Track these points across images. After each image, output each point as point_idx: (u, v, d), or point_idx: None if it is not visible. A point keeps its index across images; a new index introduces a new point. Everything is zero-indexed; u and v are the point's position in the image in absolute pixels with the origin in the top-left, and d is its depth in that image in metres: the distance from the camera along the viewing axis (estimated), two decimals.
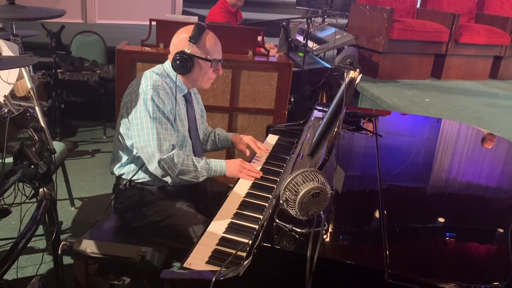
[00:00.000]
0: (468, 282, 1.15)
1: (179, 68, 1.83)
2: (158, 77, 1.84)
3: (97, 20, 6.38)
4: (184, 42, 1.83)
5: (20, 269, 2.32)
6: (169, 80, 1.87)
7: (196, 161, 1.85)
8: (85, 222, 2.78)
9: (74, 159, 3.70)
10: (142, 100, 1.76)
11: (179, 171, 1.79)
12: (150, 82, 1.80)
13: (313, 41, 4.41)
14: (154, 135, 1.75)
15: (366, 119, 2.34)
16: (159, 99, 1.77)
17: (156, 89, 1.78)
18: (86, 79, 4.10)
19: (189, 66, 1.82)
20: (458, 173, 1.92)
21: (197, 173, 1.84)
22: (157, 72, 1.87)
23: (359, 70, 1.71)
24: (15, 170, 1.49)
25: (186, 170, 1.81)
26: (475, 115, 4.05)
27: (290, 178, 1.26)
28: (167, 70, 1.90)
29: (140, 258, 1.50)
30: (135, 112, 1.77)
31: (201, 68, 1.87)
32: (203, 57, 1.85)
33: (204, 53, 1.85)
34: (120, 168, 1.90)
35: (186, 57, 1.81)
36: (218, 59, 1.90)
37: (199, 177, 1.85)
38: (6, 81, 1.71)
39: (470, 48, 5.30)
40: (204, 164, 1.86)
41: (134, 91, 1.81)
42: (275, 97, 3.32)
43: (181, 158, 1.80)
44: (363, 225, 1.42)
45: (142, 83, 1.81)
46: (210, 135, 2.23)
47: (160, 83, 1.81)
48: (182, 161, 1.80)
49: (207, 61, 1.86)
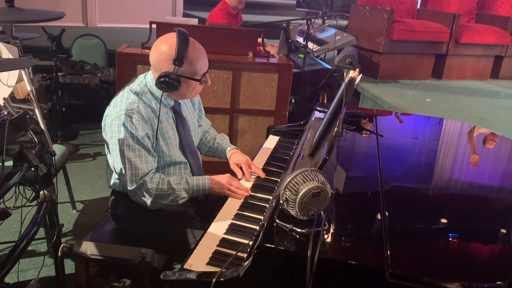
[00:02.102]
0: (471, 281, 1.14)
1: (165, 89, 1.71)
2: (134, 97, 1.72)
3: (98, 23, 6.40)
4: (167, 63, 1.68)
5: (21, 272, 2.31)
6: (150, 97, 1.76)
7: (174, 183, 1.75)
8: (87, 225, 2.78)
9: (76, 162, 3.70)
10: (116, 126, 1.68)
11: (154, 196, 1.72)
12: (125, 106, 1.69)
13: (313, 42, 4.41)
14: (126, 164, 1.68)
15: (367, 119, 2.34)
16: (132, 125, 1.67)
17: (130, 113, 1.67)
18: (87, 82, 4.11)
19: (175, 86, 1.70)
20: (460, 173, 1.91)
21: (175, 196, 1.75)
22: (136, 90, 1.75)
23: (359, 70, 1.70)
24: (14, 172, 1.49)
25: (162, 195, 1.72)
26: (476, 115, 4.04)
27: (290, 178, 1.26)
28: (149, 85, 1.78)
29: (140, 259, 1.49)
30: (111, 138, 1.71)
31: (188, 85, 1.76)
32: (191, 77, 1.73)
33: (191, 73, 1.73)
34: (115, 183, 1.88)
35: (172, 80, 1.67)
36: (205, 72, 1.78)
37: (178, 200, 1.76)
38: (6, 84, 1.71)
39: (471, 48, 5.29)
40: (184, 185, 1.76)
41: (110, 114, 1.73)
42: (276, 98, 3.32)
43: (155, 183, 1.71)
44: (364, 225, 1.41)
45: (117, 105, 1.72)
46: (210, 141, 2.14)
47: (135, 106, 1.70)
48: (156, 186, 1.71)
49: (196, 80, 1.75)
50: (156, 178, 1.74)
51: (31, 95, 1.80)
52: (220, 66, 3.17)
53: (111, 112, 1.73)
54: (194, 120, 2.02)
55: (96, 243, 1.59)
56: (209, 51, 1.84)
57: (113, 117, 1.70)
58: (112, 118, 1.71)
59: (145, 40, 3.24)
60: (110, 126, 1.71)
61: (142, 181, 1.70)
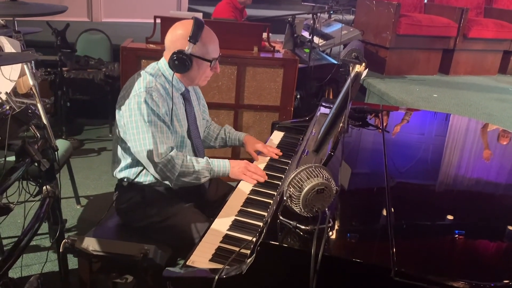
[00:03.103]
0: (478, 280, 1.12)
1: (177, 68, 1.76)
2: (151, 78, 1.77)
3: (103, 18, 6.39)
4: (182, 41, 1.74)
5: (25, 267, 2.31)
6: (164, 80, 1.81)
7: (196, 161, 1.79)
8: (91, 220, 2.78)
9: (80, 157, 3.71)
10: (136, 103, 1.70)
11: (179, 173, 1.75)
12: (143, 84, 1.73)
13: (319, 37, 4.38)
14: (150, 139, 1.70)
15: (373, 114, 2.31)
16: (153, 101, 1.71)
17: (149, 91, 1.72)
18: (92, 77, 4.09)
19: (187, 65, 1.75)
20: (467, 170, 1.88)
21: (198, 174, 1.79)
22: (151, 73, 1.80)
23: (365, 64, 1.68)
24: (17, 167, 1.48)
25: (186, 172, 1.76)
26: (484, 111, 3.99)
27: (294, 174, 1.24)
28: (162, 69, 1.82)
29: (142, 255, 1.48)
30: (130, 116, 1.72)
31: (199, 68, 1.81)
32: (202, 57, 1.78)
33: (203, 53, 1.78)
34: (121, 171, 1.87)
35: (185, 57, 1.73)
36: (216, 58, 1.84)
37: (201, 178, 1.80)
38: (8, 78, 1.70)
39: (478, 42, 5.23)
40: (205, 164, 1.81)
41: (128, 94, 1.75)
42: (281, 93, 3.30)
43: (180, 159, 1.75)
44: (369, 222, 1.39)
45: (135, 85, 1.74)
46: (220, 133, 2.18)
47: (153, 84, 1.74)
48: (181, 163, 1.75)
49: (207, 61, 1.80)
50: (180, 155, 1.77)
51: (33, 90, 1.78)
52: (225, 61, 3.14)
53: (128, 93, 1.75)
54: (199, 112, 2.04)
55: (98, 239, 1.57)
56: None
57: (132, 96, 1.72)
58: (130, 97, 1.73)
59: (149, 35, 3.22)
60: (129, 105, 1.72)
61: (169, 156, 1.73)
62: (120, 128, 1.79)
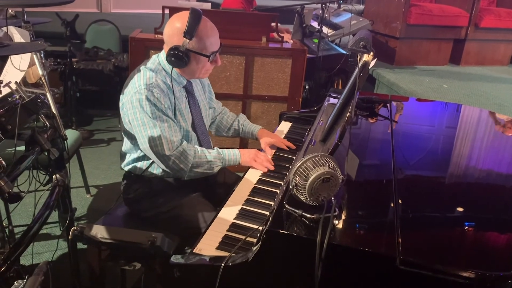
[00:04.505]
0: (485, 269, 1.11)
1: (174, 63, 1.73)
2: (152, 73, 1.74)
3: (112, 9, 6.40)
4: (178, 36, 1.70)
5: (36, 254, 2.35)
6: (164, 74, 1.78)
7: (208, 152, 1.81)
8: (100, 209, 2.81)
9: (90, 148, 3.74)
10: (138, 101, 1.70)
11: (192, 165, 1.76)
12: (143, 81, 1.71)
13: (328, 27, 4.35)
14: (158, 134, 1.70)
15: (381, 105, 2.30)
16: (155, 98, 1.70)
17: (150, 88, 1.70)
18: (101, 68, 4.11)
19: (185, 61, 1.71)
20: (478, 161, 1.87)
21: (211, 163, 1.80)
22: (151, 68, 1.78)
23: (373, 53, 1.67)
24: (26, 156, 1.50)
25: (199, 163, 1.77)
26: (495, 101, 3.94)
27: (300, 163, 1.24)
28: (162, 63, 1.80)
29: (150, 243, 1.49)
30: (134, 114, 1.72)
31: (198, 62, 1.77)
32: (199, 53, 1.74)
33: (201, 48, 1.73)
34: (129, 164, 1.89)
35: (181, 53, 1.69)
36: (215, 51, 1.79)
37: (214, 168, 1.81)
38: (18, 68, 1.72)
39: (490, 32, 5.15)
40: (216, 154, 1.83)
41: (129, 91, 1.74)
42: (289, 84, 3.29)
43: (192, 151, 1.76)
44: (375, 211, 1.39)
45: (135, 82, 1.73)
46: (233, 124, 2.17)
47: (154, 80, 1.72)
48: (193, 154, 1.76)
49: (205, 56, 1.76)
50: (191, 146, 1.78)
51: (42, 80, 1.80)
52: (233, 52, 3.14)
53: (129, 89, 1.75)
54: (205, 103, 2.02)
55: (106, 226, 1.59)
56: (222, 36, 1.82)
57: (133, 93, 1.71)
58: (131, 94, 1.72)
59: (158, 25, 3.22)
60: (131, 102, 1.72)
61: (181, 148, 1.74)
62: (126, 125, 1.80)
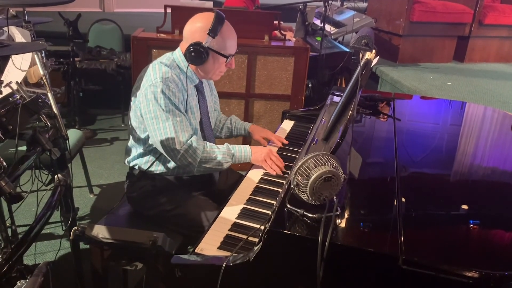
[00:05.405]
0: (490, 269, 1.10)
1: (192, 59, 1.75)
2: (167, 68, 1.76)
3: (115, 8, 6.40)
4: (201, 33, 1.74)
5: (39, 254, 2.36)
6: (178, 71, 1.80)
7: (217, 148, 1.81)
8: (103, 208, 2.81)
9: (93, 147, 3.74)
10: (152, 94, 1.70)
11: (200, 159, 1.75)
12: (159, 75, 1.73)
13: (331, 25, 4.32)
14: (170, 127, 1.70)
15: (385, 103, 2.28)
16: (170, 91, 1.71)
17: (166, 81, 1.71)
18: (104, 67, 4.12)
19: (203, 58, 1.75)
20: (482, 159, 1.85)
21: (221, 159, 1.79)
22: (166, 63, 1.79)
23: (375, 51, 1.65)
24: (28, 156, 1.49)
25: (208, 158, 1.77)
26: (499, 98, 3.91)
27: (301, 162, 1.23)
28: (177, 60, 1.82)
29: (151, 243, 1.49)
30: (147, 106, 1.72)
31: (215, 62, 1.80)
32: (219, 52, 1.78)
33: (221, 48, 1.77)
34: (133, 159, 1.89)
35: (202, 49, 1.73)
36: (232, 54, 1.83)
37: (223, 164, 1.80)
38: (19, 68, 1.72)
39: (495, 29, 5.11)
40: (226, 149, 1.82)
41: (143, 84, 1.75)
42: (292, 82, 3.28)
43: (201, 146, 1.76)
44: (377, 210, 1.38)
45: (150, 75, 1.74)
46: (226, 123, 2.19)
47: (169, 75, 1.74)
48: (202, 149, 1.76)
49: (223, 56, 1.79)
50: (201, 142, 1.79)
51: (44, 79, 1.80)
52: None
53: (143, 82, 1.76)
54: (211, 104, 2.05)
55: (108, 226, 1.59)
56: None
57: (147, 86, 1.72)
58: (146, 87, 1.73)
59: (160, 24, 3.22)
60: (145, 95, 1.72)
61: (190, 142, 1.74)
62: (136, 118, 1.80)
